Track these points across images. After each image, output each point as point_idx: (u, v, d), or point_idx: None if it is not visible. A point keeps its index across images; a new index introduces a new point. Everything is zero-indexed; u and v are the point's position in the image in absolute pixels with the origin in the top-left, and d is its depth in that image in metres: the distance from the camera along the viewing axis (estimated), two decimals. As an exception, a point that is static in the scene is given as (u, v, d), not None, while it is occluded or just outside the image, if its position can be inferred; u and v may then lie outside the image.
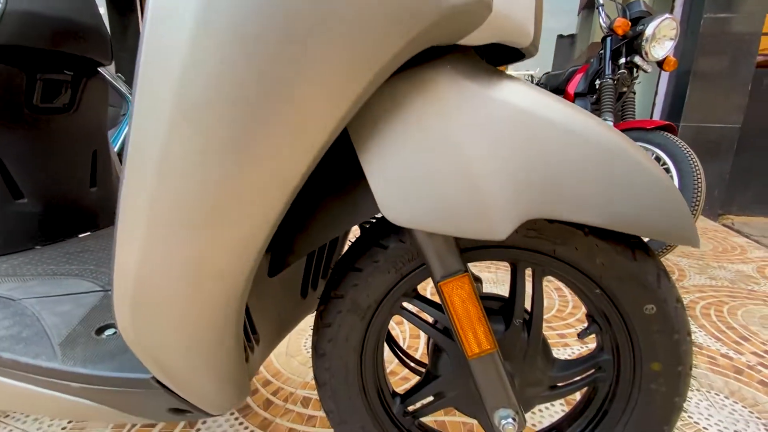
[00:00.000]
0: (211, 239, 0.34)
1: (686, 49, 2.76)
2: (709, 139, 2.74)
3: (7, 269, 0.60)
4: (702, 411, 0.90)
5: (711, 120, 2.73)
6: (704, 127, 2.75)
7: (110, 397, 0.45)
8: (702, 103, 2.72)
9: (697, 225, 2.54)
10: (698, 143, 2.75)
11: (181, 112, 0.28)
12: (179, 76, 0.27)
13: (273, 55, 0.28)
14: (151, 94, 0.28)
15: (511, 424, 0.48)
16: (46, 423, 0.83)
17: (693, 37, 2.70)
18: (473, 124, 0.39)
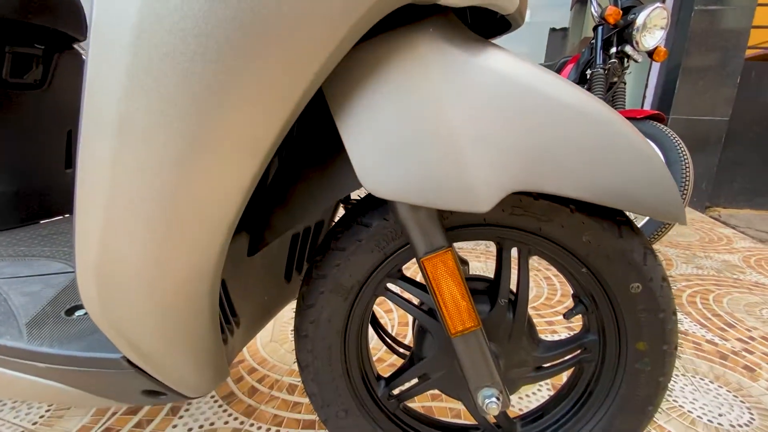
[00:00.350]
0: (177, 207, 0.32)
1: (677, 42, 2.77)
2: (697, 131, 2.77)
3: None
4: (687, 395, 0.91)
5: (700, 113, 2.75)
6: (693, 119, 2.77)
7: (79, 378, 0.43)
8: (691, 95, 2.73)
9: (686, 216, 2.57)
10: (687, 136, 2.77)
11: (141, 66, 0.27)
12: (137, 25, 0.25)
13: (239, 9, 0.27)
14: (106, 44, 0.26)
15: (494, 403, 0.47)
16: (24, 411, 0.81)
17: (683, 29, 2.71)
18: (456, 90, 0.38)
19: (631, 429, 0.55)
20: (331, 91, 0.37)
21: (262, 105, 0.30)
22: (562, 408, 0.60)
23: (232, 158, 0.32)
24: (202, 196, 0.33)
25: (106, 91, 0.27)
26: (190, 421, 0.79)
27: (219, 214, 0.34)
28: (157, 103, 0.28)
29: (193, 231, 0.35)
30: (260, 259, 0.67)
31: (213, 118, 0.29)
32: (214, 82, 0.28)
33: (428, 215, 0.43)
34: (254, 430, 0.78)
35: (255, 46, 0.27)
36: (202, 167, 0.31)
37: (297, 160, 0.51)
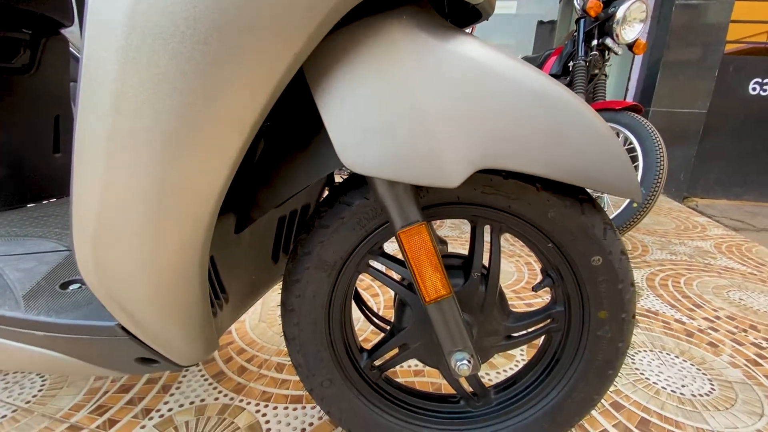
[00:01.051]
0: (168, 182, 0.35)
1: (658, 36, 2.83)
2: (677, 123, 2.85)
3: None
4: (653, 368, 0.97)
5: (679, 105, 2.83)
6: (673, 112, 2.85)
7: (75, 346, 0.46)
8: (671, 88, 2.81)
9: (663, 206, 2.66)
10: (667, 128, 2.85)
11: (134, 47, 0.29)
12: (131, 6, 0.28)
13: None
14: (101, 25, 0.28)
15: (465, 365, 0.51)
16: (16, 391, 0.83)
17: (665, 23, 2.77)
18: (427, 73, 0.41)
19: (593, 392, 0.60)
20: (312, 74, 0.40)
21: (246, 84, 0.32)
22: (532, 375, 0.65)
23: (219, 135, 0.34)
24: (191, 171, 0.35)
25: (101, 70, 0.30)
26: (181, 398, 0.82)
27: (207, 188, 0.37)
28: (149, 82, 0.30)
29: (182, 205, 0.37)
30: (248, 240, 0.69)
31: (201, 96, 0.32)
32: (202, 62, 0.30)
33: (404, 191, 0.46)
34: (243, 405, 0.81)
35: (239, 30, 0.30)
36: (190, 143, 0.34)
37: (281, 142, 0.54)
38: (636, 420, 0.80)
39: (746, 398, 0.88)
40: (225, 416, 0.78)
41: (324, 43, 0.40)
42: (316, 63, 0.40)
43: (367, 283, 1.38)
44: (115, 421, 0.76)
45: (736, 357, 1.03)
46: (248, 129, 0.35)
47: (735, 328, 1.17)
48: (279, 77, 0.34)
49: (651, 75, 2.91)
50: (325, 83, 0.40)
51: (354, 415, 0.65)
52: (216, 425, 0.76)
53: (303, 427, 0.76)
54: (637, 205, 1.51)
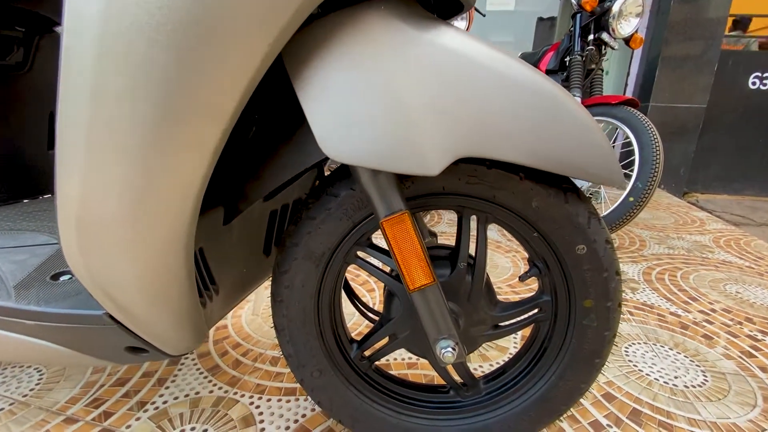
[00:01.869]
0: (149, 170, 0.36)
1: (656, 31, 2.82)
2: (676, 118, 2.84)
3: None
4: (647, 360, 0.97)
5: (678, 100, 2.82)
6: (672, 107, 2.84)
7: (65, 335, 0.47)
8: (670, 83, 2.80)
9: (662, 201, 2.65)
10: (666, 122, 2.84)
11: (111, 35, 0.30)
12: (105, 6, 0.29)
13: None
14: (79, 14, 0.29)
15: (450, 352, 0.52)
16: (14, 385, 0.84)
17: (663, 18, 2.76)
18: (406, 63, 0.41)
19: (581, 380, 0.60)
20: (292, 65, 0.41)
21: (222, 73, 0.33)
22: (521, 365, 0.65)
23: (198, 123, 0.35)
24: (172, 159, 0.36)
25: (79, 60, 0.30)
26: (176, 391, 0.83)
27: (189, 177, 0.38)
28: (126, 71, 0.31)
29: (165, 193, 0.38)
30: (239, 233, 0.70)
31: (178, 85, 0.32)
32: (177, 51, 0.31)
33: (387, 181, 0.47)
34: (237, 397, 0.82)
35: (214, 19, 0.30)
36: (170, 132, 0.34)
37: (269, 134, 0.54)
38: (627, 410, 0.81)
39: (739, 389, 0.88)
40: (219, 408, 0.79)
41: (303, 34, 0.40)
42: (296, 54, 0.40)
43: (363, 278, 1.39)
44: (110, 414, 0.77)
45: (730, 349, 1.03)
46: (227, 117, 0.36)
47: (730, 320, 1.17)
48: (255, 66, 0.34)
49: (650, 70, 2.90)
50: (304, 74, 0.41)
51: (344, 406, 0.65)
52: (210, 417, 0.76)
53: (296, 419, 0.77)
54: (633, 200, 1.51)
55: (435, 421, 0.66)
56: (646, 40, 2.92)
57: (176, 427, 0.74)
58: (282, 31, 0.34)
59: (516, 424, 0.63)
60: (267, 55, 0.34)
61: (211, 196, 0.57)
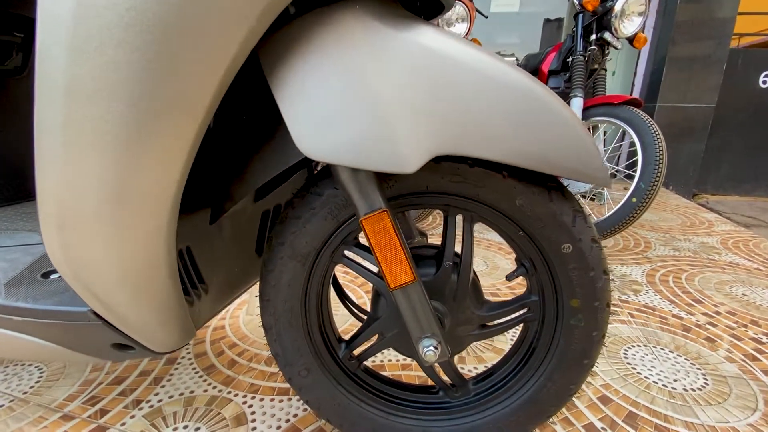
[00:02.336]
0: (127, 164, 0.36)
1: (663, 31, 2.79)
2: (684, 118, 2.80)
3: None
4: (646, 363, 0.95)
5: (687, 100, 2.78)
6: (680, 107, 2.80)
7: (51, 331, 0.48)
8: (678, 83, 2.76)
9: (670, 203, 2.61)
10: (674, 123, 2.80)
11: (82, 37, 0.30)
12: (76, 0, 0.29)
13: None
14: (51, 17, 0.30)
15: (431, 351, 0.52)
16: (15, 382, 0.85)
17: (669, 17, 2.73)
18: (381, 61, 0.42)
19: (569, 381, 0.59)
20: (268, 65, 0.41)
21: (193, 72, 0.34)
22: (509, 366, 0.65)
23: (173, 122, 0.35)
24: (149, 157, 0.37)
25: (53, 61, 0.31)
26: (171, 390, 0.84)
27: (166, 174, 0.39)
28: (98, 72, 0.32)
29: (143, 191, 0.39)
30: (230, 233, 0.71)
31: (150, 85, 0.33)
32: (147, 51, 0.31)
33: (367, 179, 0.47)
34: (231, 396, 0.82)
35: (182, 19, 0.31)
36: (145, 131, 0.35)
37: (250, 137, 0.55)
38: (624, 414, 0.79)
39: (740, 393, 0.86)
40: (212, 407, 0.79)
41: (279, 34, 0.41)
42: (272, 54, 0.41)
43: (362, 280, 1.39)
44: (106, 411, 0.78)
45: (733, 352, 1.00)
46: (201, 115, 0.36)
47: (735, 323, 1.14)
48: (226, 65, 0.35)
49: (657, 70, 2.86)
50: (280, 74, 0.41)
51: (332, 405, 0.65)
52: (203, 416, 0.77)
53: (287, 419, 0.77)
54: (636, 200, 1.49)
55: (423, 422, 0.66)
56: (653, 39, 2.89)
57: (169, 425, 0.75)
58: (251, 30, 0.34)
59: (505, 425, 0.63)
60: (238, 54, 0.35)
61: (199, 198, 0.58)
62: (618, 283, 1.39)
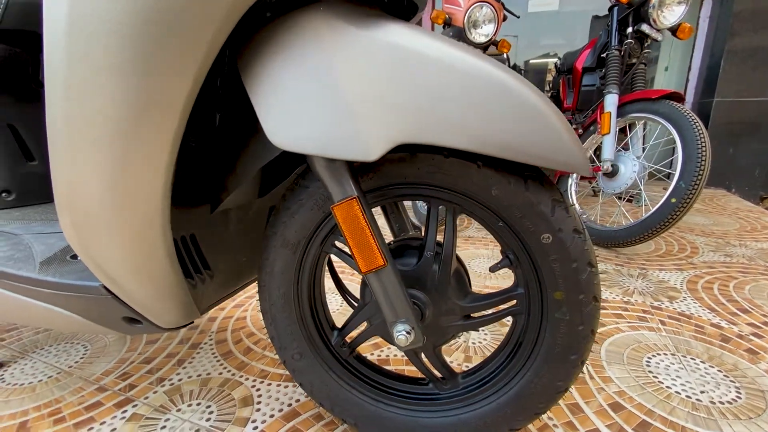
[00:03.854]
0: (119, 155, 0.42)
1: (721, 21, 2.56)
2: (746, 114, 2.54)
3: (19, 216, 0.73)
4: (670, 372, 0.89)
5: (748, 94, 2.52)
6: (741, 102, 2.54)
7: (72, 302, 0.55)
8: (738, 76, 2.52)
9: (729, 205, 2.37)
10: (734, 119, 2.55)
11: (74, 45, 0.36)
12: (68, 14, 0.35)
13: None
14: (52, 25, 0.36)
15: (403, 335, 0.53)
16: (63, 357, 0.97)
17: (727, 6, 2.50)
18: (345, 57, 0.45)
19: (557, 378, 0.58)
20: (243, 67, 0.46)
21: (170, 72, 0.38)
22: (498, 360, 0.64)
23: (156, 117, 0.41)
24: (139, 148, 0.42)
25: (55, 66, 0.37)
26: (191, 371, 0.92)
27: (152, 166, 0.44)
28: (89, 74, 0.37)
29: (135, 179, 0.44)
30: (236, 226, 0.77)
31: (133, 84, 0.38)
32: (129, 55, 0.37)
33: (338, 169, 0.50)
34: (242, 380, 0.88)
35: (156, 25, 0.36)
36: (133, 125, 0.41)
37: (239, 133, 0.60)
38: (635, 422, 0.75)
39: (779, 410, 0.77)
40: (224, 389, 0.85)
41: (252, 42, 0.46)
42: (246, 59, 0.46)
43: (380, 279, 1.41)
44: (134, 386, 0.87)
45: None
46: (179, 112, 0.41)
47: (786, 335, 1.02)
48: (198, 65, 0.39)
49: (714, 63, 2.63)
50: (253, 74, 0.45)
51: (323, 389, 0.68)
52: (215, 395, 0.83)
53: (290, 403, 0.81)
54: (675, 201, 1.38)
55: (411, 412, 0.67)
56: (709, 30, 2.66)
57: (185, 401, 0.82)
58: (218, 30, 0.39)
59: (492, 420, 0.62)
60: (208, 53, 0.39)
61: (201, 192, 0.64)
62: (653, 289, 1.30)
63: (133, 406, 0.81)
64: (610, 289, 1.32)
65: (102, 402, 0.82)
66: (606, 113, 1.64)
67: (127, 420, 0.77)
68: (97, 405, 0.81)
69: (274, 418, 0.77)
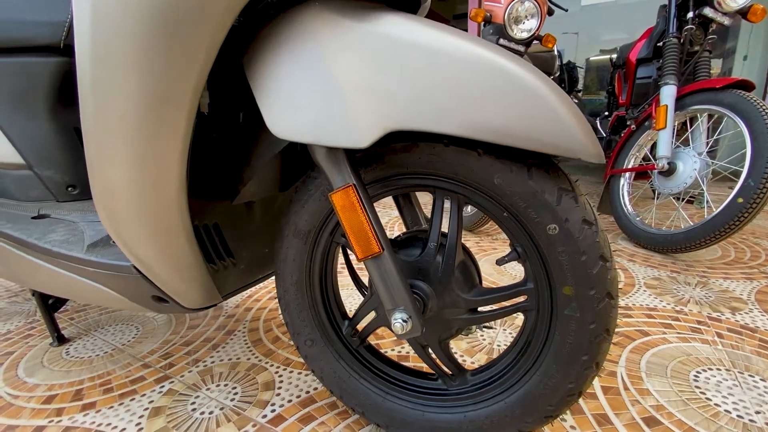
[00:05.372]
0: (138, 146, 0.47)
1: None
2: None
3: (80, 207, 0.84)
4: (722, 389, 0.79)
5: None
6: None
7: (110, 280, 0.62)
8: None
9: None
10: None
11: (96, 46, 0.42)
12: (91, 21, 0.41)
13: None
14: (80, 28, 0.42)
15: (399, 323, 0.53)
16: (118, 336, 1.09)
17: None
18: (340, 48, 0.46)
19: (567, 379, 0.54)
20: (248, 68, 0.49)
21: (175, 70, 0.42)
22: (508, 359, 0.61)
23: (165, 108, 0.45)
24: (153, 139, 0.47)
25: (83, 65, 0.43)
26: (223, 355, 0.98)
27: (167, 157, 0.48)
28: (110, 72, 0.42)
29: (153, 168, 0.49)
30: (261, 218, 0.81)
31: (146, 80, 0.43)
32: (140, 53, 0.41)
33: (337, 157, 0.51)
34: (267, 366, 0.93)
35: (165, 25, 0.40)
36: (147, 116, 0.45)
37: (251, 130, 0.64)
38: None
39: None
40: (250, 373, 0.90)
41: (255, 41, 0.49)
42: (250, 55, 0.49)
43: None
44: (173, 365, 0.95)
45: None
46: (188, 103, 0.45)
47: None
48: (201, 62, 0.43)
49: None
50: (255, 70, 0.49)
51: (333, 376, 0.70)
52: (241, 378, 0.88)
53: (308, 390, 0.84)
54: (743, 201, 1.23)
55: (418, 406, 0.66)
56: None
57: (214, 382, 0.88)
58: (216, 29, 0.42)
59: (499, 420, 0.60)
60: (209, 50, 0.43)
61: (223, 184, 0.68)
62: (712, 298, 1.17)
63: (170, 383, 0.88)
64: (661, 297, 1.20)
65: (145, 377, 0.90)
66: (662, 106, 1.50)
67: (163, 394, 0.84)
68: (141, 379, 0.90)
69: (292, 403, 0.80)
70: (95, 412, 0.79)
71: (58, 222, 0.75)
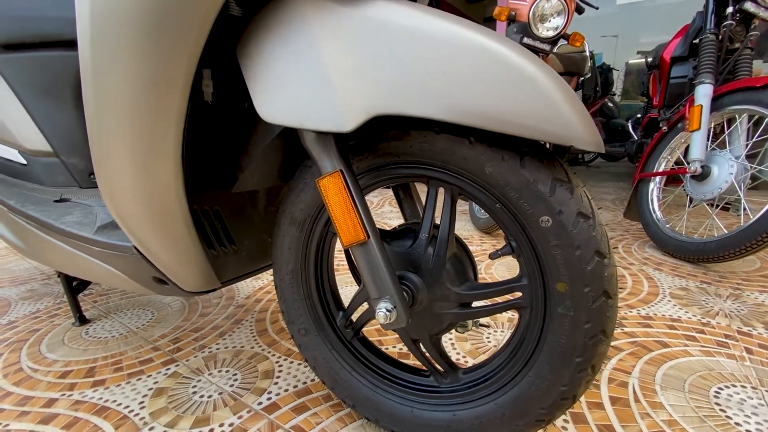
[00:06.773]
0: (134, 130, 0.49)
1: None
2: None
3: (98, 192, 0.88)
4: (744, 408, 0.73)
5: None
6: None
7: (114, 259, 0.65)
8: None
9: None
10: None
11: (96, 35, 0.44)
12: (89, 17, 0.43)
13: None
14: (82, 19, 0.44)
15: (383, 312, 0.52)
16: (134, 320, 1.13)
17: None
18: (328, 34, 0.46)
19: (560, 381, 0.51)
20: (241, 56, 0.50)
21: (168, 51, 0.44)
22: (500, 358, 0.59)
23: (159, 92, 0.46)
24: (149, 124, 0.48)
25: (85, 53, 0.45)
26: (228, 342, 1.00)
27: (163, 136, 0.50)
28: (109, 59, 0.44)
29: (149, 152, 0.51)
30: (264, 208, 0.83)
31: (142, 67, 0.44)
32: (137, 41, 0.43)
33: (325, 143, 0.51)
34: (269, 356, 0.94)
35: (157, 15, 0.42)
36: (143, 99, 0.47)
37: (248, 119, 0.65)
38: (682, 456, 0.63)
39: None
40: (252, 361, 0.92)
41: (247, 30, 0.50)
42: (242, 44, 0.50)
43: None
44: (180, 349, 0.97)
45: None
46: (180, 87, 0.47)
47: None
48: (191, 47, 0.44)
49: None
50: (246, 58, 0.50)
51: (325, 367, 0.70)
52: (243, 366, 0.90)
53: (305, 381, 0.84)
54: (783, 209, 1.14)
55: (408, 401, 0.65)
56: None
57: (216, 368, 0.90)
58: (203, 16, 0.43)
59: (488, 421, 0.58)
60: (198, 35, 0.44)
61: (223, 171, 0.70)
62: (744, 312, 1.08)
63: (176, 366, 0.91)
64: (687, 308, 1.13)
65: (153, 359, 0.94)
66: (696, 106, 1.41)
67: (168, 376, 0.87)
68: (149, 361, 0.93)
69: (288, 392, 0.80)
70: (104, 389, 0.82)
71: (76, 205, 0.79)
